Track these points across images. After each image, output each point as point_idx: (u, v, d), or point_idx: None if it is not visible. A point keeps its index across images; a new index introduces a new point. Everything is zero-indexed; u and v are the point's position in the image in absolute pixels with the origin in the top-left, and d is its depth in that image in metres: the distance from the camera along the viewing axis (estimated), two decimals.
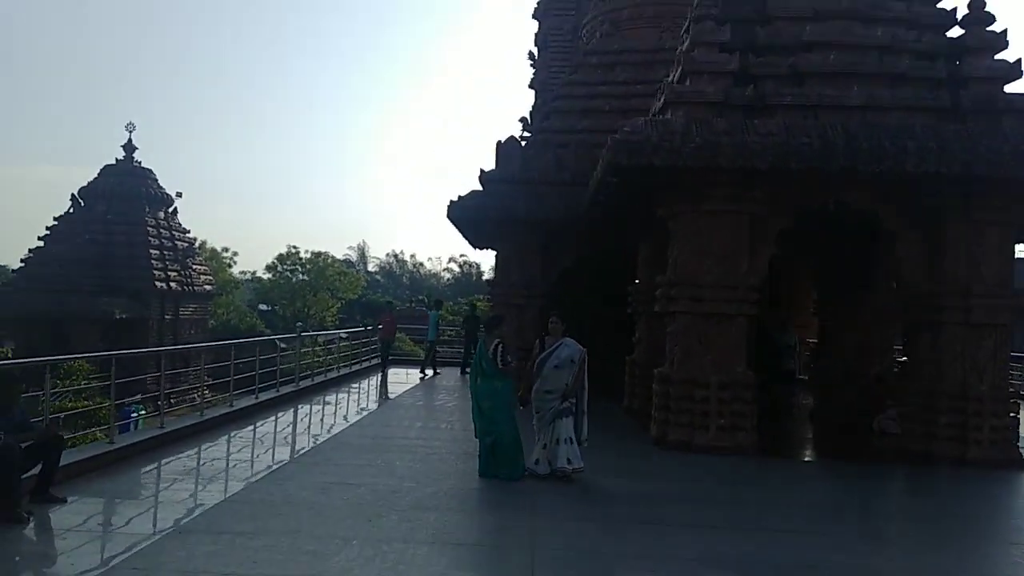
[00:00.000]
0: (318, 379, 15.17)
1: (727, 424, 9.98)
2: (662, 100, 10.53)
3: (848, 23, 10.36)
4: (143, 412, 17.79)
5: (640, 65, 17.29)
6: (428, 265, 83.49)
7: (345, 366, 17.42)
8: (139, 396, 18.28)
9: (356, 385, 16.35)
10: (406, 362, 21.29)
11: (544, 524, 6.34)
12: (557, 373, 7.47)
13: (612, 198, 11.96)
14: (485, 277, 78.74)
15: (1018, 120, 9.87)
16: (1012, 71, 10.06)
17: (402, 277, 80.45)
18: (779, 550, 5.89)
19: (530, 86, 29.20)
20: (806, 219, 10.61)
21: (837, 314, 13.44)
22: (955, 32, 10.59)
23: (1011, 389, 10.38)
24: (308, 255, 46.81)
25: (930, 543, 6.45)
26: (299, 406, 12.91)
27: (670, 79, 11.43)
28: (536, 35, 28.67)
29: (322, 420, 11.72)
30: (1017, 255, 11.09)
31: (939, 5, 10.73)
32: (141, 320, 31.32)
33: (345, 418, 11.71)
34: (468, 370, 17.70)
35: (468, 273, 78.86)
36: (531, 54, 29.20)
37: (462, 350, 18.98)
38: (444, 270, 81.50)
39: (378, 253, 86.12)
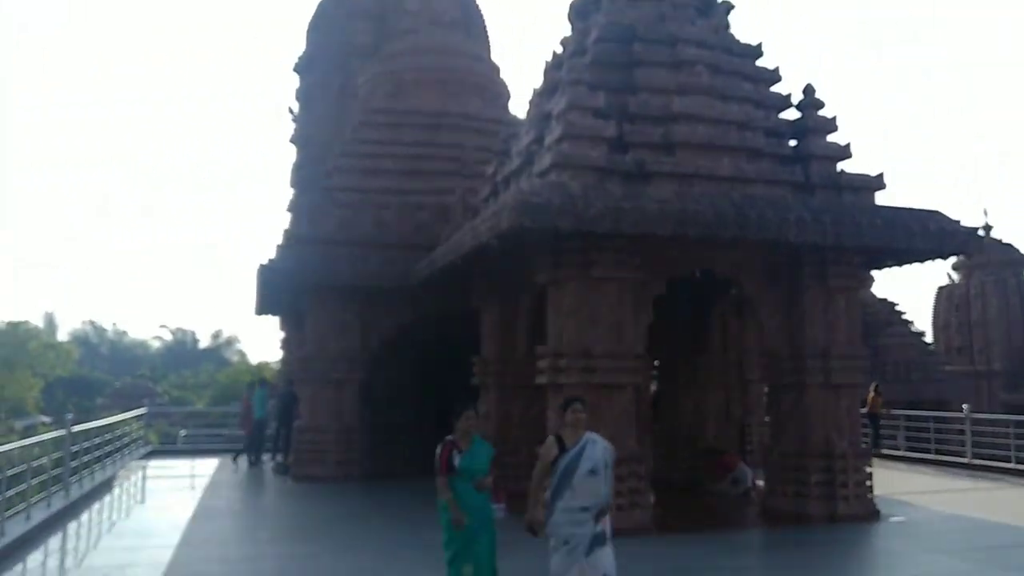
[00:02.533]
0: (87, 485, 12.04)
1: (626, 503, 9.41)
2: (546, 161, 9.92)
3: (709, 99, 10.66)
4: None
5: (426, 128, 17.01)
6: (133, 333, 74.37)
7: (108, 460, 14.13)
8: None
9: (131, 485, 13.35)
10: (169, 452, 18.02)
11: None
12: (592, 481, 5.27)
13: (474, 262, 11.05)
14: (203, 345, 71.94)
15: (855, 196, 10.76)
16: (844, 151, 10.99)
17: (100, 347, 70.63)
18: None
19: (291, 141, 27.39)
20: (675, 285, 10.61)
21: (674, 378, 13.67)
22: (790, 114, 11.39)
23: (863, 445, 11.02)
24: (2, 326, 38.68)
25: None
26: (76, 526, 10.02)
27: (535, 141, 10.93)
28: (297, 90, 27.02)
29: (144, 546, 8.94)
30: None
31: (773, 89, 11.49)
32: None
33: (169, 537, 9.13)
34: (279, 457, 15.35)
35: (182, 341, 71.56)
36: (291, 109, 27.45)
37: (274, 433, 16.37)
38: (154, 338, 73.13)
39: (69, 321, 74.61)
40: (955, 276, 32.70)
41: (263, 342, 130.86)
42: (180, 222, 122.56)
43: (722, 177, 10.30)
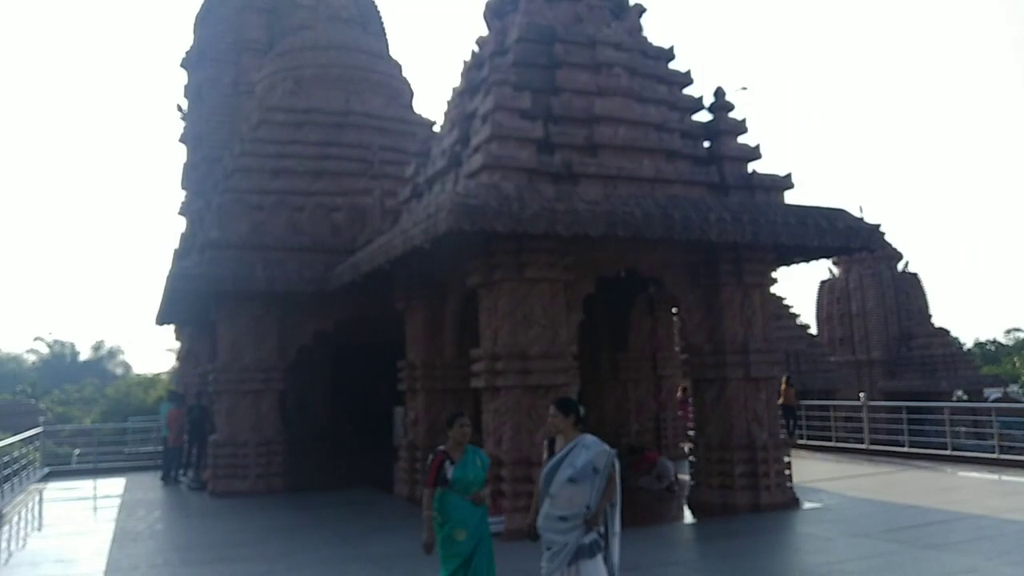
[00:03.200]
0: None
1: None
2: (476, 163, 9.88)
3: (628, 100, 10.89)
4: None
5: (330, 127, 16.79)
6: (4, 347, 69.14)
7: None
8: None
9: (33, 510, 12.41)
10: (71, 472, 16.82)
11: None
12: (572, 489, 4.96)
13: (400, 265, 10.89)
14: (83, 357, 67.71)
15: (766, 195, 11.23)
16: (754, 152, 11.44)
17: None
18: None
19: (181, 140, 26.20)
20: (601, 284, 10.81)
21: (595, 376, 13.89)
22: (701, 116, 11.77)
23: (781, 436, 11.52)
24: None
25: None
26: None
27: (459, 142, 10.90)
28: (186, 87, 25.86)
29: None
30: None
31: (686, 91, 11.85)
32: None
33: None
34: (191, 473, 14.68)
35: (60, 354, 67.11)
36: (179, 107, 26.25)
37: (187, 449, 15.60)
38: (28, 351, 68.22)
39: None
40: (835, 271, 34.66)
41: (149, 352, 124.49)
42: (48, 227, 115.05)
43: (643, 178, 10.54)
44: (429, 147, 12.64)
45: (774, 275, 11.48)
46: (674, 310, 14.19)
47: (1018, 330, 76.14)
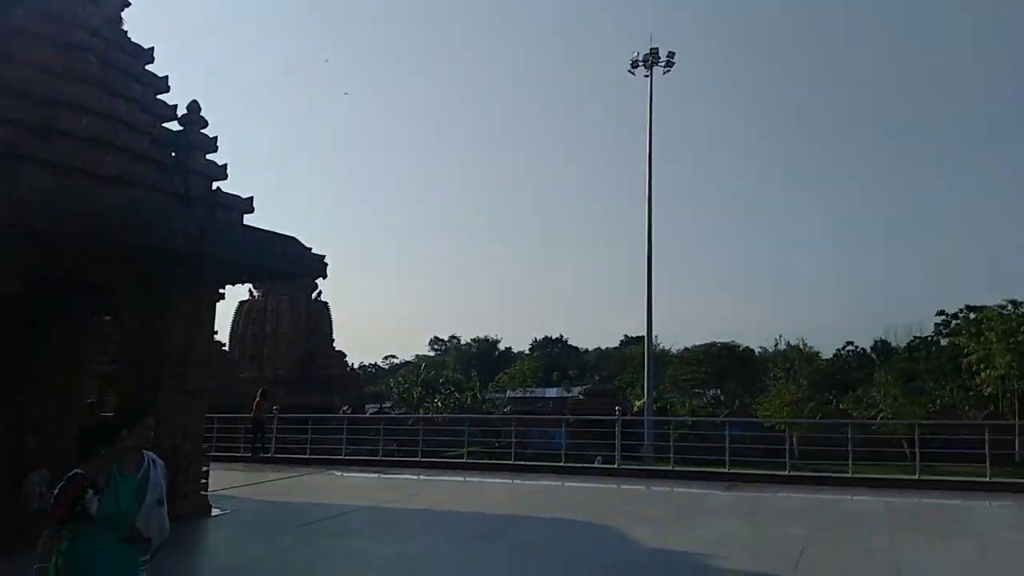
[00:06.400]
0: None
1: None
2: None
3: (99, 91, 10.32)
4: None
5: None
6: None
7: None
8: None
9: None
10: None
11: None
12: None
13: None
14: None
15: (227, 214, 11.70)
16: (221, 172, 11.80)
17: None
18: None
19: None
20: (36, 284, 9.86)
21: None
22: (175, 126, 11.73)
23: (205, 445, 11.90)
24: None
25: None
26: None
27: None
28: None
29: None
30: None
31: (161, 97, 11.68)
32: None
33: None
34: None
35: None
36: None
37: None
38: None
39: None
40: (256, 293, 36.35)
41: None
42: None
43: (105, 175, 10.06)
44: None
45: (223, 291, 11.99)
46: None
47: (393, 357, 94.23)
